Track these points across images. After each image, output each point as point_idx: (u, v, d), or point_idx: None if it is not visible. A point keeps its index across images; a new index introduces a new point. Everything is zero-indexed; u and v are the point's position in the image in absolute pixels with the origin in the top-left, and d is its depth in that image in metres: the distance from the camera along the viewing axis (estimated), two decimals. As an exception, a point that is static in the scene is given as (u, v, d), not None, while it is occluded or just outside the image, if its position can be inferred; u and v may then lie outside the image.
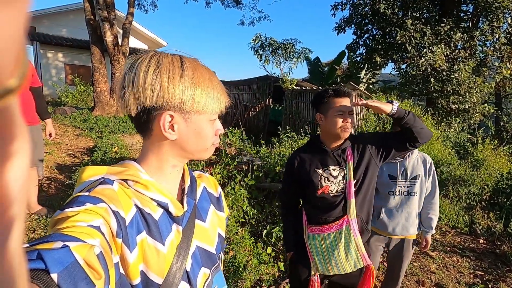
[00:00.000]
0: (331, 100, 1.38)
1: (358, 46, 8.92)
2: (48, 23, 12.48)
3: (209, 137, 0.63)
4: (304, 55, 13.07)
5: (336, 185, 1.43)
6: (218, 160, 3.28)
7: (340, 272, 1.44)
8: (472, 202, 4.25)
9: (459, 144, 6.75)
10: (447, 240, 3.52)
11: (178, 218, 0.62)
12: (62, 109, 7.71)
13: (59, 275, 0.36)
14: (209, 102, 0.60)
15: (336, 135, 1.40)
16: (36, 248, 0.38)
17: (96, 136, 6.00)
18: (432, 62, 6.98)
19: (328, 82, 10.85)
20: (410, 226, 1.91)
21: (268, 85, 9.69)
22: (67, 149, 5.13)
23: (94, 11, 7.42)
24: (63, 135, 5.97)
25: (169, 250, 0.59)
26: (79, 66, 12.63)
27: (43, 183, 3.42)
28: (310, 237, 1.50)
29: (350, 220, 1.41)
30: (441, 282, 2.74)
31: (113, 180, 0.57)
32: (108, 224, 0.49)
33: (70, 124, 6.74)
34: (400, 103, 6.73)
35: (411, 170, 1.90)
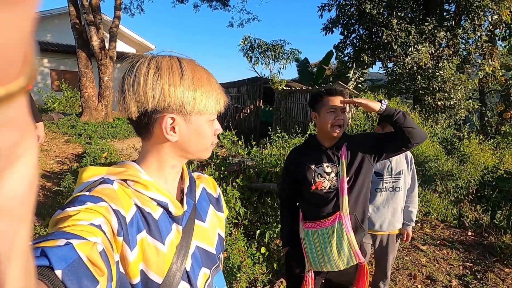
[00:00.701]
0: (324, 98, 1.44)
1: (345, 46, 9.06)
2: (32, 28, 12.23)
3: (208, 137, 0.64)
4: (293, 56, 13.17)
5: (329, 182, 1.46)
6: (209, 162, 3.27)
7: (333, 268, 1.45)
8: (460, 196, 4.36)
9: (446, 139, 6.90)
10: (437, 234, 3.59)
11: (178, 218, 0.63)
12: (49, 115, 7.56)
13: (63, 272, 0.37)
14: (208, 102, 0.60)
15: (328, 132, 1.43)
16: (40, 246, 0.38)
17: (85, 142, 5.90)
18: (418, 60, 7.15)
19: (317, 82, 10.96)
20: (396, 221, 1.95)
21: (258, 87, 9.73)
22: (55, 156, 5.03)
23: (79, 15, 7.31)
24: (50, 141, 5.85)
25: (169, 250, 0.59)
26: (66, 72, 12.39)
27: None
28: (304, 233, 1.53)
29: (342, 216, 1.42)
30: (432, 275, 2.80)
31: (113, 180, 0.57)
32: (109, 222, 0.50)
33: (58, 131, 6.61)
34: (388, 101, 6.85)
35: (395, 165, 1.93)
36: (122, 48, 13.54)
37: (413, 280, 2.72)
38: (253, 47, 13.21)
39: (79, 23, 7.33)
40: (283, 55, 13.17)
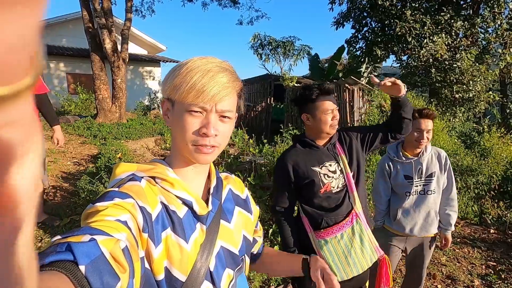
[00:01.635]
0: (319, 99, 1.36)
1: (357, 40, 8.86)
2: (49, 34, 12.61)
3: (186, 130, 0.59)
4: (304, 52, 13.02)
5: (337, 180, 1.40)
6: (220, 161, 3.27)
7: (358, 271, 1.36)
8: (481, 192, 4.18)
9: (465, 133, 6.65)
10: (457, 231, 3.46)
11: (202, 217, 0.63)
12: (66, 118, 7.77)
13: (87, 267, 0.38)
14: (182, 89, 0.57)
15: (325, 133, 1.39)
16: (67, 241, 0.40)
17: (100, 143, 6.03)
18: (434, 52, 6.90)
19: (329, 78, 10.79)
20: (430, 226, 1.83)
21: (268, 84, 9.67)
22: (72, 157, 5.17)
23: (92, 19, 7.46)
24: (67, 143, 6.01)
25: (192, 248, 0.60)
26: (81, 75, 12.73)
27: (48, 192, 3.44)
28: (321, 244, 1.38)
29: (358, 214, 1.38)
30: (453, 274, 2.70)
31: (142, 177, 0.59)
32: (135, 219, 0.51)
33: (74, 133, 6.79)
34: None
35: (425, 167, 1.81)
36: (134, 50, 13.77)
37: (433, 280, 2.63)
38: (263, 45, 13.15)
39: (92, 27, 7.49)
40: (294, 51, 13.05)
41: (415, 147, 1.80)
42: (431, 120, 1.77)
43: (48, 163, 4.40)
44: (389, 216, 1.93)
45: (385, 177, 1.91)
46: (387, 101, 6.23)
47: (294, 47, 13.06)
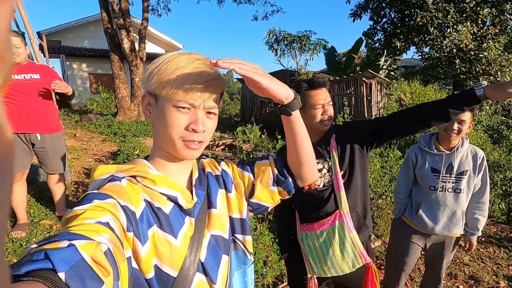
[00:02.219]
0: (307, 93, 1.29)
1: (375, 32, 8.58)
2: (72, 36, 13.12)
3: (172, 126, 0.59)
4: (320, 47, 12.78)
5: (322, 179, 1.34)
6: (233, 157, 3.28)
7: (337, 273, 1.34)
8: (509, 189, 3.95)
9: (492, 127, 6.30)
10: (482, 230, 3.29)
11: (189, 211, 0.63)
12: (88, 116, 8.08)
13: (66, 274, 0.36)
14: (170, 85, 0.57)
15: (316, 129, 1.32)
16: (43, 248, 0.38)
17: (120, 140, 6.23)
18: (458, 42, 6.56)
19: (346, 72, 10.54)
20: (454, 226, 1.71)
21: (284, 80, 9.58)
22: (93, 154, 5.37)
23: (111, 20, 7.68)
24: (89, 141, 6.26)
25: (182, 243, 0.59)
26: (102, 75, 13.19)
27: (71, 187, 3.60)
28: (303, 237, 1.41)
29: (343, 215, 1.31)
30: (476, 275, 2.57)
31: (122, 177, 0.58)
32: (117, 219, 0.50)
33: (96, 130, 7.05)
34: (424, 88, 6.39)
35: (458, 164, 1.67)
36: (152, 49, 14.07)
37: (454, 280, 2.52)
38: (278, 40, 13.03)
39: (111, 27, 7.71)
40: (309, 46, 12.84)
41: (448, 140, 1.66)
42: (469, 111, 1.56)
43: (71, 160, 4.60)
44: (411, 209, 1.82)
45: (408, 167, 1.81)
46: (406, 94, 6.01)
47: (310, 42, 12.84)
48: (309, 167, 0.77)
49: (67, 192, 3.38)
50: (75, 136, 6.48)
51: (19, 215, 2.59)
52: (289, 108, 0.67)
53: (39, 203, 3.09)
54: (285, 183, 0.75)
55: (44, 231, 2.66)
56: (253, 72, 0.58)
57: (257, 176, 0.75)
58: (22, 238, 2.50)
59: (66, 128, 7.08)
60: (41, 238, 2.55)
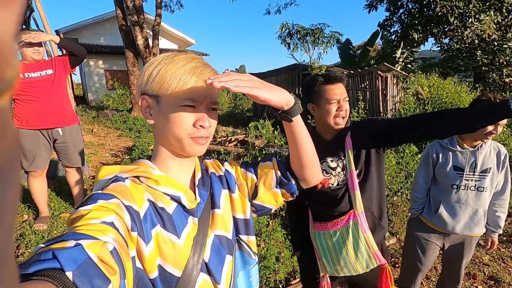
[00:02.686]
0: (322, 88, 1.26)
1: (392, 23, 8.32)
2: (88, 33, 13.41)
3: (180, 125, 0.60)
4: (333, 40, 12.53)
5: (336, 177, 1.31)
6: (245, 153, 3.28)
7: (351, 273, 1.31)
8: (533, 186, 3.77)
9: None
10: (503, 229, 3.17)
11: (193, 211, 0.63)
12: (104, 112, 8.29)
13: (74, 273, 0.37)
14: (171, 81, 0.58)
15: (330, 125, 1.28)
16: (51, 248, 0.39)
17: (135, 136, 6.36)
18: (480, 32, 6.27)
19: (360, 65, 10.29)
20: (476, 225, 1.65)
21: (296, 74, 9.46)
22: (110, 149, 5.51)
23: (125, 17, 7.79)
24: (106, 136, 6.43)
25: (185, 243, 0.60)
26: (118, 71, 13.45)
27: (88, 181, 3.71)
28: (316, 235, 1.39)
29: (357, 215, 1.28)
30: (497, 275, 2.49)
31: (125, 177, 0.59)
32: (121, 219, 0.51)
33: (112, 126, 7.23)
34: (443, 81, 6.16)
35: (481, 162, 1.60)
36: (166, 45, 14.20)
37: (472, 280, 2.44)
38: (291, 34, 12.86)
39: (126, 24, 7.82)
40: (323, 39, 12.60)
41: (478, 139, 1.58)
42: None
43: (88, 155, 4.74)
44: (430, 208, 1.75)
45: (428, 165, 1.74)
46: (424, 88, 5.82)
47: (324, 35, 12.60)
48: (312, 170, 0.76)
49: (85, 186, 3.49)
50: (92, 132, 6.67)
51: (40, 209, 2.70)
52: (289, 114, 0.67)
53: (59, 197, 3.20)
54: (288, 186, 0.75)
55: (64, 223, 2.76)
56: (250, 87, 0.58)
57: (260, 178, 0.75)
58: (44, 230, 2.60)
59: (84, 123, 7.29)
60: (62, 231, 2.65)
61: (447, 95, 5.57)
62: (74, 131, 2.70)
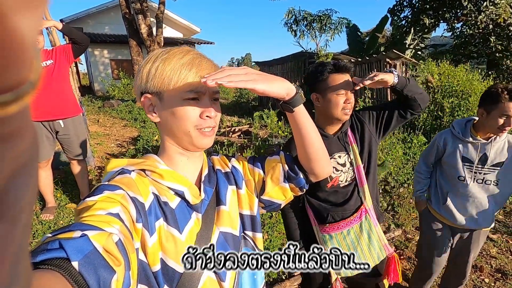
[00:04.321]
0: (330, 77, 1.18)
1: (402, 8, 8.03)
2: (92, 22, 13.33)
3: (186, 118, 0.60)
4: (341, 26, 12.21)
5: (346, 174, 1.26)
6: (249, 144, 3.25)
7: None
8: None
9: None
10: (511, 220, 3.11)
11: (196, 206, 0.63)
12: (110, 102, 8.31)
13: (80, 263, 0.38)
14: (172, 75, 0.58)
15: (336, 118, 1.21)
16: (57, 238, 0.40)
17: (140, 126, 6.38)
18: (495, 17, 6.00)
19: (369, 53, 10.03)
20: (483, 220, 1.60)
21: (303, 62, 9.28)
22: (115, 140, 5.54)
23: (129, 5, 7.68)
24: (111, 126, 6.46)
25: (187, 238, 0.59)
26: (123, 61, 13.40)
27: (94, 172, 3.75)
28: (325, 238, 1.31)
29: (368, 209, 1.26)
30: (504, 268, 2.45)
31: (132, 170, 0.60)
32: (127, 210, 0.51)
33: (117, 116, 7.26)
34: (455, 68, 5.96)
35: (494, 155, 1.52)
36: (170, 33, 14.04)
37: (479, 273, 2.41)
38: (297, 20, 12.58)
39: (129, 12, 7.72)
40: (330, 25, 12.31)
41: (492, 132, 1.50)
42: None
43: (94, 146, 4.78)
44: (438, 199, 1.70)
45: (431, 152, 1.68)
46: (434, 75, 5.64)
47: (331, 21, 12.29)
48: (320, 163, 0.74)
49: (91, 177, 3.52)
50: (98, 122, 6.71)
51: (47, 199, 2.74)
52: (291, 104, 0.66)
53: (65, 187, 3.24)
54: (296, 180, 0.73)
55: (70, 214, 2.80)
56: (245, 80, 0.57)
57: (268, 173, 0.74)
58: (51, 220, 2.65)
59: (90, 114, 7.33)
60: (68, 221, 2.69)
61: (458, 83, 5.39)
62: (77, 122, 2.69)
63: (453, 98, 5.16)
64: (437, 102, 5.36)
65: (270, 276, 2.12)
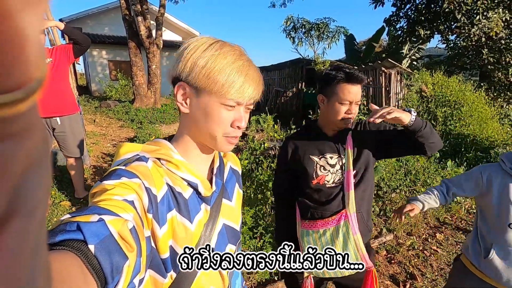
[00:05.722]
0: (340, 84, 1.18)
1: (398, 19, 8.20)
2: (92, 23, 13.35)
3: (218, 123, 0.60)
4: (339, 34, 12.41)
5: (333, 175, 1.28)
6: (245, 146, 3.29)
7: (336, 275, 1.28)
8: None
9: (520, 121, 5.96)
10: None
11: (207, 198, 0.65)
12: (107, 103, 8.30)
13: (96, 247, 0.38)
14: (219, 80, 0.57)
15: (335, 125, 1.24)
16: (76, 220, 0.40)
17: (137, 127, 6.38)
18: (487, 30, 6.17)
19: (365, 61, 10.20)
20: None
21: (300, 69, 9.40)
22: (111, 140, 5.54)
23: (129, 7, 7.74)
24: (108, 127, 6.45)
25: (196, 228, 0.62)
26: (121, 62, 13.40)
27: (89, 171, 3.75)
28: (303, 233, 1.34)
29: (349, 215, 1.25)
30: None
31: (148, 158, 0.59)
32: (140, 199, 0.52)
33: (114, 117, 7.25)
34: (448, 79, 6.10)
35: None
36: (169, 36, 14.10)
37: (467, 278, 2.45)
38: (296, 28, 12.75)
39: (129, 14, 7.77)
40: (328, 34, 12.49)
41: None
42: None
43: (90, 145, 4.77)
44: (478, 251, 1.36)
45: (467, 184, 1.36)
46: (428, 85, 5.77)
47: (329, 29, 12.48)
48: None
49: (86, 176, 3.52)
50: (95, 122, 6.70)
51: None
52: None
53: (60, 185, 3.24)
54: None
55: (64, 211, 2.80)
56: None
57: None
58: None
59: (86, 113, 7.31)
60: (62, 218, 2.69)
61: (451, 93, 5.51)
62: (74, 120, 2.71)
63: (446, 108, 5.28)
64: (430, 111, 5.47)
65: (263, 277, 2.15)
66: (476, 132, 4.96)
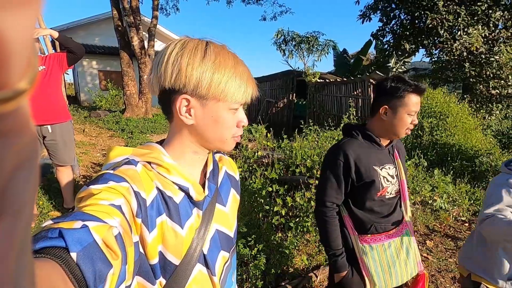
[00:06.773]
0: (408, 96, 1.18)
1: (384, 33, 8.52)
2: (83, 33, 13.31)
3: (228, 127, 0.61)
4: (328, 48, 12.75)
5: (393, 186, 1.28)
6: (238, 154, 3.31)
7: (398, 283, 1.27)
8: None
9: (502, 132, 6.21)
10: (488, 235, 3.25)
11: (199, 203, 0.63)
12: (96, 112, 8.20)
13: (78, 254, 0.37)
14: (228, 88, 0.57)
15: (397, 135, 1.25)
16: (59, 227, 0.39)
17: (127, 137, 6.32)
18: (468, 45, 6.48)
19: (354, 73, 10.50)
20: None
21: (291, 80, 9.58)
22: (101, 149, 5.46)
23: (121, 18, 7.78)
24: (97, 136, 6.36)
25: (187, 233, 0.60)
26: (111, 72, 13.34)
27: (79, 181, 3.67)
28: (365, 250, 1.27)
29: (408, 224, 1.30)
30: (480, 280, 2.55)
31: (137, 161, 0.58)
32: (129, 203, 0.50)
33: (104, 126, 7.16)
34: (433, 91, 6.33)
35: None
36: (161, 47, 14.11)
37: (458, 284, 2.50)
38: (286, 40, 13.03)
39: (121, 25, 7.81)
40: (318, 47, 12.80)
41: None
42: None
43: (79, 155, 4.69)
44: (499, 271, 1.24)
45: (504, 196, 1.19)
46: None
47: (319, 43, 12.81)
48: None
49: (75, 185, 3.45)
50: (84, 132, 6.59)
51: None
52: None
53: (48, 195, 3.16)
54: None
55: (52, 222, 2.73)
56: None
57: None
58: (31, 228, 2.56)
59: (75, 123, 7.20)
60: (49, 229, 2.61)
61: (436, 104, 5.71)
62: (65, 129, 2.67)
63: (432, 119, 5.45)
64: (417, 122, 5.63)
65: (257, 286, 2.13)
66: (461, 142, 5.13)
